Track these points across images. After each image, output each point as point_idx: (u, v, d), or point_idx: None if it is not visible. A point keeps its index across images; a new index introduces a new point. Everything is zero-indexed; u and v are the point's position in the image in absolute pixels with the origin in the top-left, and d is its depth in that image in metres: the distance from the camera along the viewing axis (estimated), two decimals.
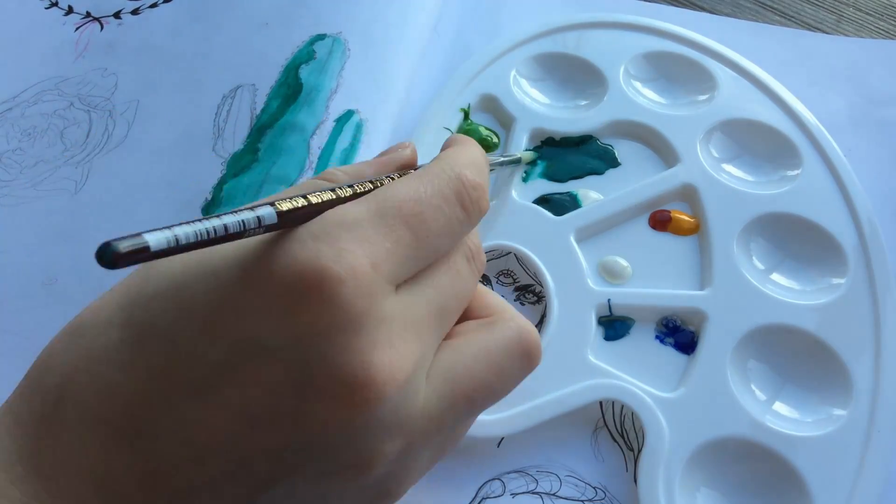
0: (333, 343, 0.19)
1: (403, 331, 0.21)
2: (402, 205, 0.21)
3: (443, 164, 0.24)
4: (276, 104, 0.37)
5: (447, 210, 0.22)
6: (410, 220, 0.21)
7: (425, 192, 0.22)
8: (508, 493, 0.31)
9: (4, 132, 0.39)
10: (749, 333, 0.34)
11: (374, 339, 0.20)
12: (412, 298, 0.22)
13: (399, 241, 0.21)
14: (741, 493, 0.30)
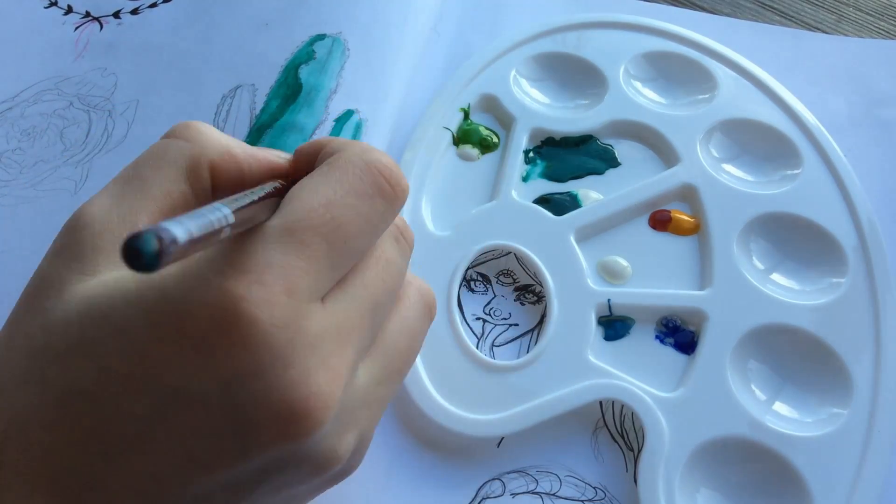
0: (264, 382, 0.18)
1: (337, 345, 0.20)
2: (312, 214, 0.20)
3: (347, 156, 0.22)
4: (276, 104, 0.37)
5: (364, 207, 0.21)
6: (323, 230, 0.20)
7: (336, 192, 0.20)
8: (508, 493, 0.31)
9: (4, 132, 0.39)
10: (749, 333, 0.34)
11: (307, 366, 0.19)
12: (341, 306, 0.21)
13: (314, 256, 0.19)
14: (741, 493, 0.30)
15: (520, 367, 0.33)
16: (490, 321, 0.35)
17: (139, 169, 0.22)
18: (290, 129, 0.36)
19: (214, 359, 0.18)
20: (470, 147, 0.40)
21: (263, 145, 0.36)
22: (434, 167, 0.39)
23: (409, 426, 0.32)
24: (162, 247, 0.14)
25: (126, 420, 0.19)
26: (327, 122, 0.37)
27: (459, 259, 0.36)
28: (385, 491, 0.31)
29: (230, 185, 0.23)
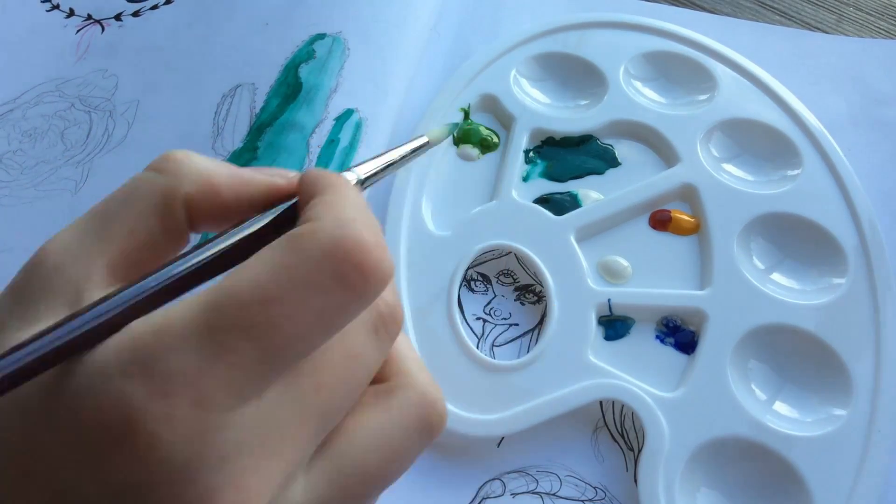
0: (160, 497, 0.16)
1: (259, 458, 0.17)
2: (242, 313, 0.17)
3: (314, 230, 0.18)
4: (276, 103, 0.37)
5: (317, 303, 0.17)
6: (254, 333, 0.17)
7: (278, 285, 0.17)
8: (509, 493, 0.31)
9: (5, 133, 0.39)
10: (749, 333, 0.34)
11: (212, 484, 0.16)
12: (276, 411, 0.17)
13: (238, 364, 0.16)
14: (741, 492, 0.30)
15: (520, 367, 0.33)
16: (490, 321, 0.36)
17: (108, 204, 0.20)
18: (290, 127, 0.36)
19: (106, 467, 0.16)
20: (470, 147, 0.40)
21: (263, 143, 0.36)
22: (434, 167, 0.39)
23: None
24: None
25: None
26: (327, 121, 0.37)
27: (459, 259, 0.36)
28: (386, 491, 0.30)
29: (211, 218, 0.21)
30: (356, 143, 0.37)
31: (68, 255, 0.19)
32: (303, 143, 0.36)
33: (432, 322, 0.34)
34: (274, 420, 0.17)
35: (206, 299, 0.17)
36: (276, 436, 0.17)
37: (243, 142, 0.36)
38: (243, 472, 0.17)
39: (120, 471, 0.16)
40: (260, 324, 0.16)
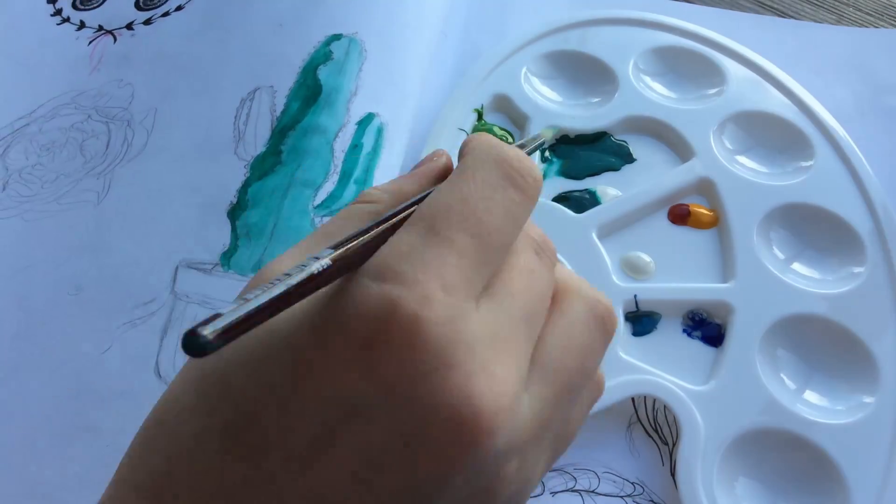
0: (428, 385, 0.18)
1: (496, 351, 0.19)
2: (451, 211, 0.20)
3: (476, 153, 0.22)
4: (297, 106, 0.37)
5: (500, 197, 0.21)
6: (466, 225, 0.20)
7: (469, 188, 0.20)
8: (548, 492, 0.31)
9: (23, 148, 0.38)
10: (775, 324, 0.34)
11: (469, 369, 0.18)
12: (492, 313, 0.20)
13: (463, 252, 0.19)
14: (779, 480, 0.31)
15: None
16: None
17: (327, 227, 0.23)
18: (313, 131, 0.36)
19: (376, 364, 0.18)
20: None
21: (286, 147, 0.36)
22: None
23: None
24: (212, 338, 0.15)
25: (294, 439, 0.18)
26: (349, 125, 0.36)
27: None
28: None
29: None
30: (379, 148, 0.37)
31: (293, 262, 0.20)
32: (327, 147, 0.36)
33: None
34: (494, 322, 0.20)
35: (419, 214, 0.20)
36: (501, 335, 0.20)
37: (266, 146, 0.36)
38: (489, 361, 0.19)
39: (392, 363, 0.18)
40: (469, 216, 0.20)
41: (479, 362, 0.19)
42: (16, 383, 0.32)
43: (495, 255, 0.20)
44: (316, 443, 0.18)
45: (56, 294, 0.34)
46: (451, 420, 0.18)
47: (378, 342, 0.18)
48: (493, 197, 0.21)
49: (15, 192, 0.37)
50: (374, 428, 0.18)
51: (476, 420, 0.18)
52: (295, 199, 0.34)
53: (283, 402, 0.19)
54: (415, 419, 0.18)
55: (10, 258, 0.35)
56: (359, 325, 0.18)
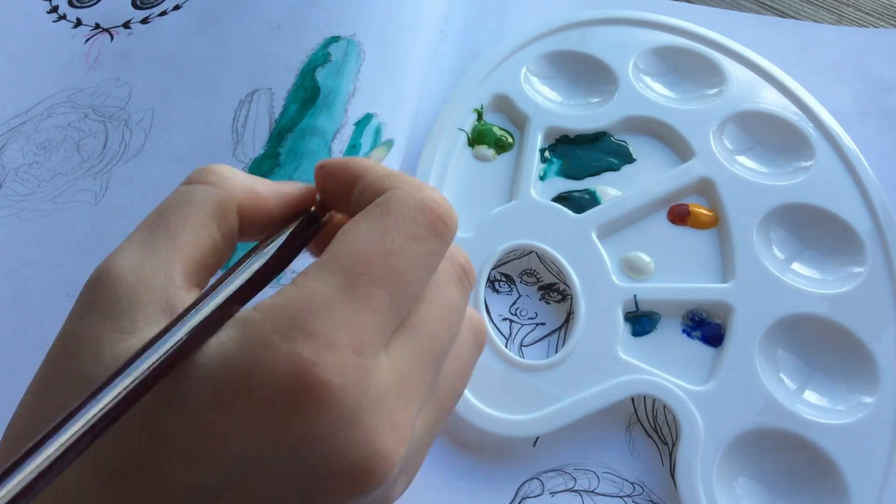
0: (332, 444, 0.18)
1: (401, 400, 0.19)
2: (371, 266, 0.19)
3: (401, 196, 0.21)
4: (295, 108, 0.37)
5: (421, 250, 0.20)
6: (385, 281, 0.19)
7: (394, 239, 0.20)
8: (547, 493, 0.31)
9: (19, 146, 0.38)
10: (775, 324, 0.34)
11: (373, 425, 0.19)
12: (405, 359, 0.20)
13: (378, 310, 0.19)
14: (778, 480, 0.31)
15: (551, 366, 0.33)
16: (517, 321, 0.35)
17: (164, 217, 0.21)
18: (311, 133, 0.36)
19: (284, 425, 0.18)
20: (485, 147, 0.40)
21: (285, 149, 0.36)
22: (451, 169, 0.39)
23: (445, 429, 0.32)
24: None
25: (190, 493, 0.18)
26: (347, 126, 0.36)
27: (483, 260, 0.36)
28: (425, 495, 0.30)
29: (258, 225, 0.23)
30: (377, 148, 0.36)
31: (146, 267, 0.20)
32: (325, 148, 0.36)
33: None
34: (403, 366, 0.20)
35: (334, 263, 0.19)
36: (408, 380, 0.20)
37: (265, 148, 0.36)
38: (393, 411, 0.19)
39: (297, 427, 0.18)
40: (387, 273, 0.19)
41: (384, 415, 0.19)
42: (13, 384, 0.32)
43: (407, 306, 0.20)
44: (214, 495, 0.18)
45: (54, 295, 0.34)
46: (351, 472, 0.18)
47: (286, 407, 0.18)
48: (416, 251, 0.20)
49: (11, 191, 0.37)
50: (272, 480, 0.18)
51: (375, 470, 0.19)
52: None
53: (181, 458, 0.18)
54: (315, 472, 0.18)
55: (7, 257, 0.35)
56: (267, 390, 0.18)
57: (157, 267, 0.20)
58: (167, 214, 0.21)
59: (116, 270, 0.20)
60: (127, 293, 0.19)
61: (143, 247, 0.20)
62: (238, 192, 0.22)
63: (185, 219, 0.21)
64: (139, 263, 0.20)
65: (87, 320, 0.20)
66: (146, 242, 0.20)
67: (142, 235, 0.21)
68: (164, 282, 0.20)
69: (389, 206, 0.21)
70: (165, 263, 0.20)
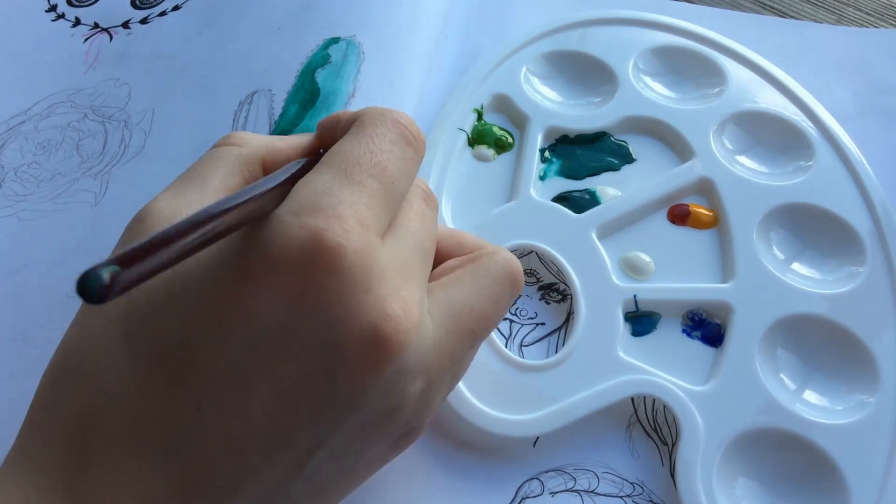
0: (348, 306, 0.20)
1: (401, 278, 0.21)
2: (361, 159, 0.22)
3: (372, 115, 0.24)
4: (295, 109, 0.37)
5: (398, 152, 0.23)
6: (373, 171, 0.22)
7: (373, 142, 0.23)
8: (547, 493, 0.31)
9: (18, 146, 0.38)
10: (775, 324, 0.34)
11: (382, 292, 0.20)
12: (395, 245, 0.22)
13: (372, 194, 0.22)
14: (779, 481, 0.31)
15: (551, 365, 0.33)
16: (517, 321, 0.35)
17: (196, 169, 0.24)
18: None
19: (301, 290, 0.20)
20: (485, 147, 0.40)
21: None
22: (451, 169, 0.39)
23: (445, 428, 0.32)
24: (111, 282, 0.15)
25: (219, 364, 0.20)
26: None
27: None
28: (425, 494, 0.30)
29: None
30: None
31: (179, 205, 0.23)
32: None
33: None
34: (398, 254, 0.22)
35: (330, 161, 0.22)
36: (404, 265, 0.22)
37: None
38: (398, 286, 0.21)
39: (317, 288, 0.20)
40: (375, 164, 0.22)
41: (391, 287, 0.21)
42: (14, 386, 0.32)
43: (395, 201, 0.23)
44: (241, 366, 0.20)
45: (55, 296, 0.34)
46: (367, 336, 0.20)
47: (302, 271, 0.20)
48: (394, 151, 0.23)
49: (10, 191, 0.37)
50: (296, 348, 0.20)
51: (390, 336, 0.20)
52: None
53: (211, 327, 0.20)
54: (335, 336, 0.20)
55: (6, 258, 0.35)
56: (284, 256, 0.20)
57: (190, 205, 0.22)
58: (199, 167, 0.24)
59: (153, 210, 0.23)
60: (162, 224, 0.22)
61: (178, 192, 0.23)
62: (259, 148, 0.25)
63: (215, 169, 0.24)
64: (174, 203, 0.23)
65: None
66: (180, 188, 0.23)
67: (177, 184, 0.24)
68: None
69: (365, 120, 0.24)
70: (198, 202, 0.23)
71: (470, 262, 0.26)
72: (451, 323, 0.24)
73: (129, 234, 0.23)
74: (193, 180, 0.24)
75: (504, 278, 0.26)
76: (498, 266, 0.26)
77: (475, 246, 0.28)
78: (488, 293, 0.25)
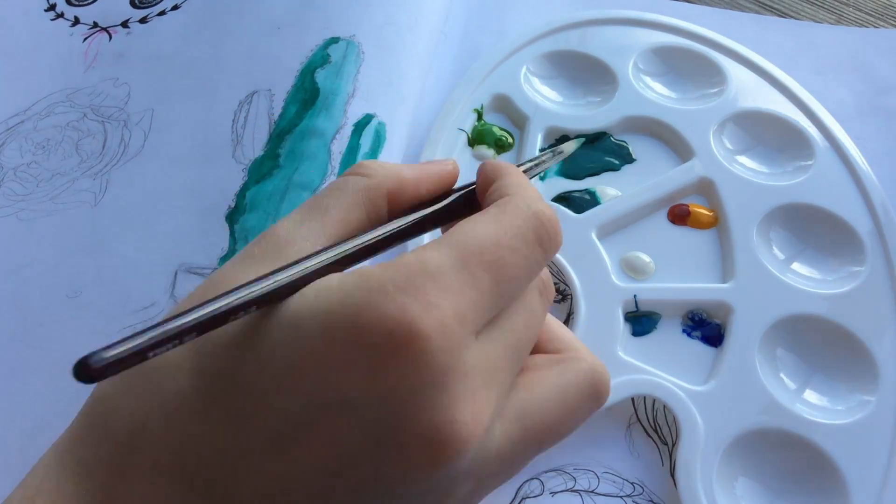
0: (418, 400, 0.19)
1: (483, 381, 0.20)
2: (484, 250, 0.21)
3: (518, 202, 0.23)
4: (294, 109, 0.37)
5: (526, 252, 0.22)
6: (492, 267, 0.21)
7: (505, 234, 0.21)
8: (548, 492, 0.31)
9: (17, 145, 0.38)
10: (775, 324, 0.34)
11: (458, 394, 0.19)
12: (490, 345, 0.21)
13: (482, 290, 0.20)
14: (778, 480, 0.31)
15: None
16: None
17: (320, 198, 0.24)
18: (311, 133, 0.36)
19: (379, 370, 0.19)
20: (485, 147, 0.40)
21: (285, 150, 0.36)
22: None
23: None
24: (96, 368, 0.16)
25: (276, 418, 0.19)
26: (346, 127, 0.36)
27: None
28: None
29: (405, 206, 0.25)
30: (378, 148, 0.36)
31: (297, 233, 0.23)
32: (324, 149, 0.35)
33: None
34: (490, 354, 0.21)
35: (452, 241, 0.21)
36: (493, 367, 0.21)
37: (264, 149, 0.36)
38: (476, 390, 0.20)
39: (391, 375, 0.19)
40: (496, 261, 0.21)
41: (469, 389, 0.20)
42: (13, 386, 0.32)
43: (506, 300, 0.22)
44: (296, 427, 0.19)
45: (53, 296, 0.34)
46: (428, 435, 0.19)
47: (387, 351, 0.19)
48: (522, 250, 0.22)
49: (10, 191, 0.37)
50: (354, 426, 0.19)
51: (450, 441, 0.19)
52: (293, 202, 0.34)
53: (274, 377, 0.19)
54: (395, 425, 0.19)
55: (6, 258, 0.35)
56: (374, 331, 0.19)
57: (306, 235, 0.23)
58: (323, 197, 0.24)
59: (276, 231, 0.23)
60: (277, 249, 0.22)
61: (299, 219, 0.23)
62: (387, 180, 0.25)
63: (337, 200, 0.24)
64: (293, 230, 0.23)
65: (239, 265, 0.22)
66: (302, 216, 0.23)
67: (300, 210, 0.24)
68: (308, 247, 0.22)
69: (506, 208, 0.22)
70: (314, 232, 0.23)
71: (556, 365, 0.24)
72: (519, 433, 0.22)
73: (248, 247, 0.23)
74: (315, 209, 0.24)
75: (587, 391, 0.24)
76: (583, 375, 0.24)
77: (565, 344, 0.25)
78: (566, 404, 0.24)
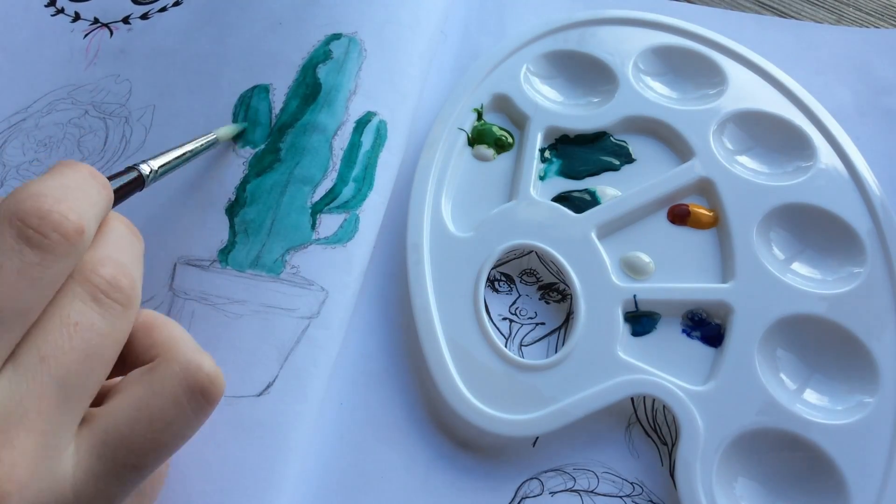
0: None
1: (12, 425, 0.18)
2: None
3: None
4: (296, 104, 0.37)
5: (11, 262, 0.19)
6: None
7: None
8: (547, 492, 0.31)
9: (19, 143, 0.38)
10: (775, 324, 0.34)
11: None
12: (14, 385, 0.18)
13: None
14: (778, 481, 0.31)
15: (551, 365, 0.33)
16: (517, 321, 0.35)
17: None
18: (312, 129, 0.36)
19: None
20: (485, 147, 0.40)
21: (285, 145, 0.36)
22: (451, 169, 0.39)
23: (445, 428, 0.32)
24: None
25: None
26: (348, 124, 0.36)
27: (483, 260, 0.36)
28: (424, 494, 0.30)
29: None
30: (377, 146, 0.36)
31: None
32: (325, 144, 0.35)
33: (461, 325, 0.34)
34: (12, 396, 0.18)
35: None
36: (19, 410, 0.18)
37: (265, 143, 0.36)
38: (4, 438, 0.18)
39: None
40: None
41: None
42: None
43: (12, 322, 0.19)
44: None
45: None
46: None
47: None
48: (1, 263, 0.18)
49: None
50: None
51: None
52: (293, 195, 0.34)
53: None
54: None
55: None
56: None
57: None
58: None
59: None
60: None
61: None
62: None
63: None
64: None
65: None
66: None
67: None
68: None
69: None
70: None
71: (145, 375, 0.21)
72: (103, 465, 0.20)
73: None
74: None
75: (182, 393, 0.21)
76: (173, 380, 0.21)
77: (161, 348, 0.22)
78: (158, 418, 0.21)
